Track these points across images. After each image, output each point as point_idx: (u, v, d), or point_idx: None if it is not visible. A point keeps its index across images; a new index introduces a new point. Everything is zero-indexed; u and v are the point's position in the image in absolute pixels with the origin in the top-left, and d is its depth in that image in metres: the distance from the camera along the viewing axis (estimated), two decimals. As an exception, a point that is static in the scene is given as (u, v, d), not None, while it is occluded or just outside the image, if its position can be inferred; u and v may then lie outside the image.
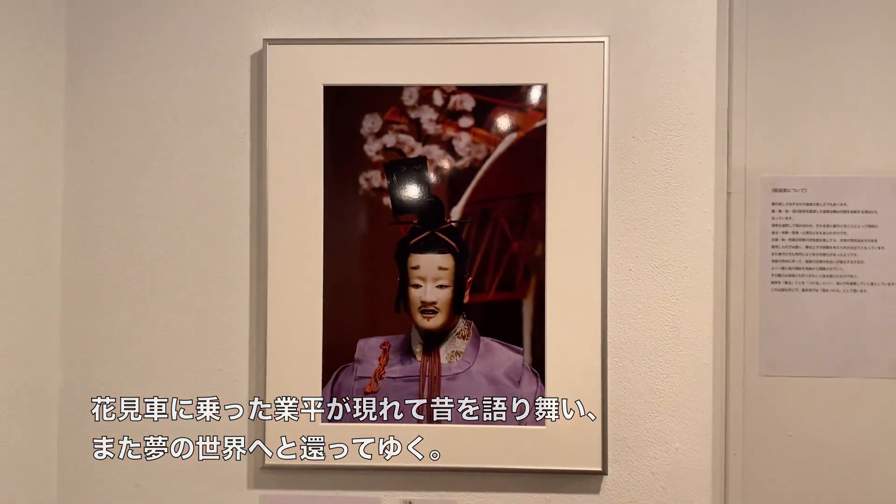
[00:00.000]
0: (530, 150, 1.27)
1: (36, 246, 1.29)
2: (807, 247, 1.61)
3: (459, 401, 1.27)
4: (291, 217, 1.28)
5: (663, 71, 1.28)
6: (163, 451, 1.31)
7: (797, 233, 1.61)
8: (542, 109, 1.27)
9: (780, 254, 1.61)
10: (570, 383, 1.26)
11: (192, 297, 1.32)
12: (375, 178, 1.28)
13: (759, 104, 1.63)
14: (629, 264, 1.28)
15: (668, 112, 1.28)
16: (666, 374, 1.28)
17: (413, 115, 1.28)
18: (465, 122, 1.27)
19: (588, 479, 1.28)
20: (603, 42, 1.27)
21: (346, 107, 1.28)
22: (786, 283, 1.61)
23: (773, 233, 1.62)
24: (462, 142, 1.27)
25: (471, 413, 1.26)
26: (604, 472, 1.26)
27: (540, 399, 1.26)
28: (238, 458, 1.30)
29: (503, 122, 1.27)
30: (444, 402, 1.27)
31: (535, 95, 1.27)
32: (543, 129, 1.27)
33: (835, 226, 1.60)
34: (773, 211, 1.62)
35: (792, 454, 1.60)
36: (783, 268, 1.61)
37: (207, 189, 1.32)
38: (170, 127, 1.32)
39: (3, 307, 1.22)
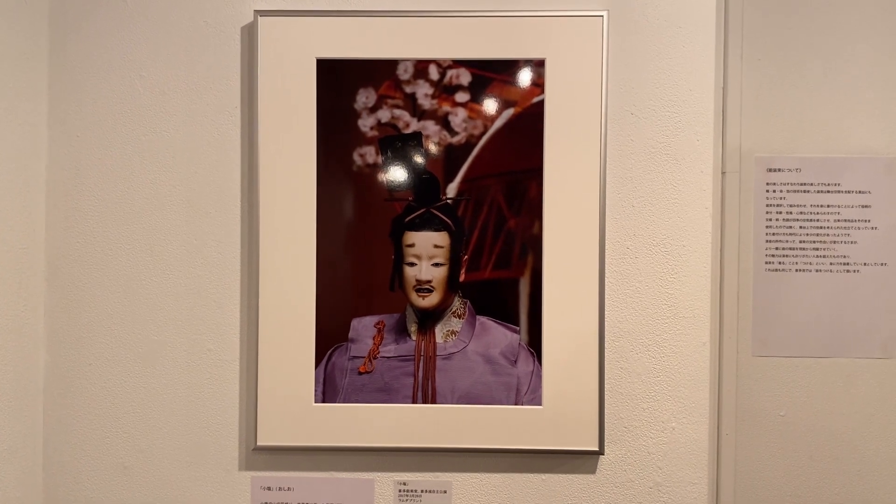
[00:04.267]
0: (528, 126, 1.25)
1: (20, 223, 1.25)
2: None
3: (455, 380, 1.25)
4: (283, 194, 1.25)
5: (662, 46, 1.27)
6: (151, 431, 1.28)
7: (791, 213, 1.60)
8: (539, 84, 1.25)
9: (773, 234, 1.61)
10: (566, 362, 1.25)
11: (181, 275, 1.29)
12: (370, 154, 1.25)
13: (754, 83, 1.62)
14: (627, 242, 1.27)
15: (667, 88, 1.27)
16: (663, 353, 1.27)
17: (408, 89, 1.25)
18: (462, 97, 1.25)
19: (585, 459, 1.27)
20: (602, 16, 1.24)
21: (339, 81, 1.25)
22: (779, 263, 1.60)
23: (767, 213, 1.61)
24: (458, 117, 1.25)
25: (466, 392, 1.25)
26: (600, 452, 1.25)
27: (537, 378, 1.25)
28: (228, 438, 1.28)
29: (500, 97, 1.25)
30: (439, 382, 1.25)
31: (532, 70, 1.25)
32: (541, 104, 1.25)
33: (829, 206, 1.60)
34: (767, 191, 1.61)
35: (784, 434, 1.60)
36: (777, 248, 1.60)
37: (196, 165, 1.29)
38: (157, 100, 1.29)
39: (-14, 285, 1.18)
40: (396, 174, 1.25)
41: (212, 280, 1.28)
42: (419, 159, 1.25)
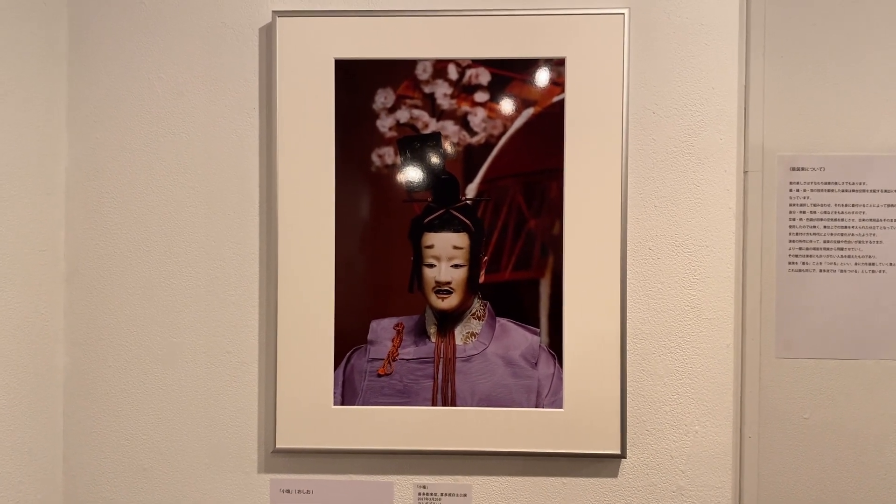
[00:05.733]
0: (548, 126, 1.23)
1: (40, 226, 1.25)
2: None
3: (474, 382, 1.24)
4: (302, 195, 1.25)
5: (684, 44, 1.25)
6: (170, 433, 1.28)
7: (815, 212, 1.57)
8: (559, 83, 1.23)
9: (797, 234, 1.58)
10: (588, 365, 1.23)
11: (200, 276, 1.29)
12: (388, 155, 1.24)
13: (777, 81, 1.59)
14: (649, 243, 1.25)
15: (690, 86, 1.25)
16: (686, 355, 1.25)
17: (427, 89, 1.24)
18: (481, 96, 1.24)
19: (606, 463, 1.26)
20: (623, 14, 1.23)
21: (357, 81, 1.24)
22: (803, 263, 1.58)
23: (790, 212, 1.59)
24: (477, 117, 1.24)
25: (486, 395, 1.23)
26: (622, 456, 1.24)
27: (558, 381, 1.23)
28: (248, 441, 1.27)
29: (520, 96, 1.23)
30: (458, 384, 1.24)
31: (552, 69, 1.23)
32: (561, 103, 1.23)
33: (853, 205, 1.57)
34: (790, 190, 1.58)
35: (808, 438, 1.57)
36: (800, 248, 1.58)
37: (215, 166, 1.28)
38: (176, 102, 1.28)
39: (9, 289, 1.18)
40: (415, 175, 1.24)
41: (230, 282, 1.28)
42: (438, 160, 1.24)
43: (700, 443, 1.25)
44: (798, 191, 1.58)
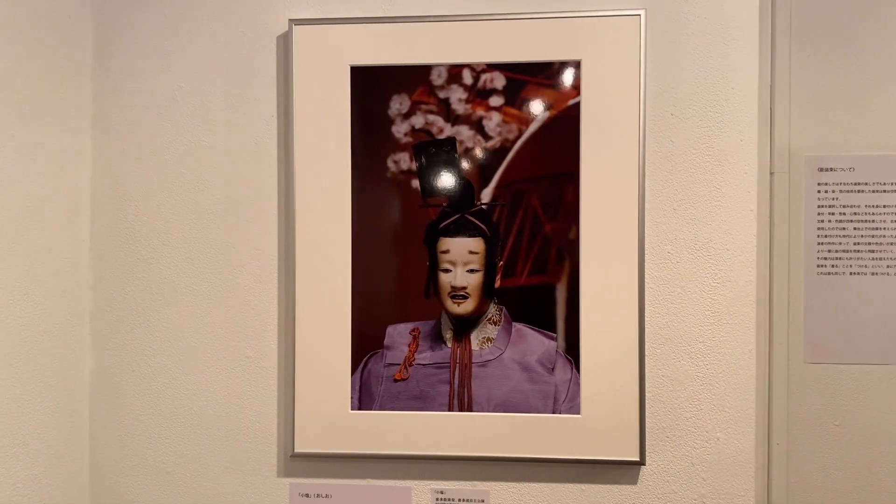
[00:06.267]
0: (564, 130, 1.22)
1: (66, 232, 1.28)
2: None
3: (491, 388, 1.23)
4: (319, 201, 1.26)
5: (702, 44, 1.23)
6: (192, 437, 1.30)
7: (844, 214, 1.54)
8: (575, 87, 1.22)
9: (826, 236, 1.55)
10: (606, 371, 1.22)
11: (220, 283, 1.30)
12: (404, 161, 1.25)
13: (804, 80, 1.56)
14: (668, 247, 1.23)
15: (709, 87, 1.23)
16: (707, 361, 1.23)
17: (442, 94, 1.24)
18: (496, 101, 1.23)
19: (625, 470, 1.24)
20: (639, 15, 1.21)
21: (373, 87, 1.25)
22: (832, 266, 1.54)
23: (818, 214, 1.55)
24: (492, 121, 1.23)
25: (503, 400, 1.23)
26: (641, 463, 1.22)
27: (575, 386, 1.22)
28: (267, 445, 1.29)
29: (535, 100, 1.23)
30: (475, 389, 1.23)
31: (568, 72, 1.22)
32: (577, 107, 1.22)
33: (885, 206, 1.53)
34: (818, 191, 1.55)
35: (839, 445, 1.53)
36: (829, 250, 1.54)
37: (235, 173, 1.30)
38: (197, 110, 1.31)
39: (36, 293, 1.21)
40: (431, 180, 1.24)
41: (250, 287, 1.30)
42: (453, 165, 1.24)
43: (722, 450, 1.23)
44: (827, 192, 1.54)
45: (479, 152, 1.23)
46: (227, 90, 1.30)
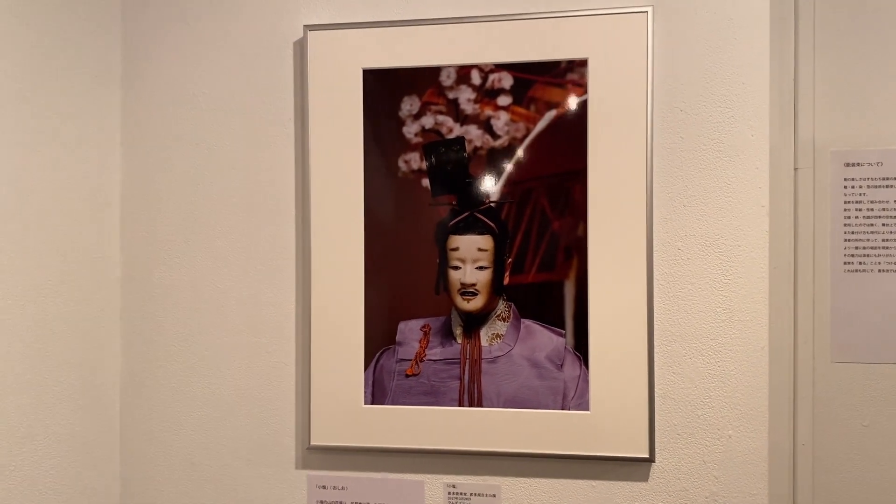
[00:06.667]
0: (571, 127, 1.23)
1: (97, 235, 1.35)
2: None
3: (500, 384, 1.25)
4: (333, 201, 1.29)
5: (712, 39, 1.22)
6: (215, 429, 1.35)
7: (872, 209, 1.50)
8: (582, 85, 1.23)
9: (852, 232, 1.51)
10: (615, 367, 1.22)
11: (242, 282, 1.35)
12: (414, 160, 1.27)
13: (828, 73, 1.53)
14: (678, 243, 1.23)
15: (718, 83, 1.22)
16: (718, 358, 1.22)
17: (451, 95, 1.26)
18: (504, 100, 1.25)
19: (635, 467, 1.24)
20: (646, 12, 1.22)
21: (384, 89, 1.28)
22: (860, 263, 1.50)
23: (845, 210, 1.52)
24: (500, 121, 1.25)
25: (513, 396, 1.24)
26: (651, 460, 1.22)
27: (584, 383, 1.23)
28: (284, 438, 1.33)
29: (542, 99, 1.24)
30: (484, 385, 1.25)
31: (575, 70, 1.23)
32: (584, 105, 1.23)
33: (914, 201, 1.49)
34: (844, 187, 1.51)
35: (867, 445, 1.49)
36: (857, 247, 1.51)
37: (255, 176, 1.35)
38: (219, 116, 1.36)
39: (69, 294, 1.28)
40: (440, 179, 1.27)
41: (270, 286, 1.34)
42: (462, 164, 1.26)
43: (734, 448, 1.22)
44: (853, 187, 1.51)
45: (487, 151, 1.25)
46: (247, 94, 1.35)
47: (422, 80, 1.27)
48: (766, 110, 1.21)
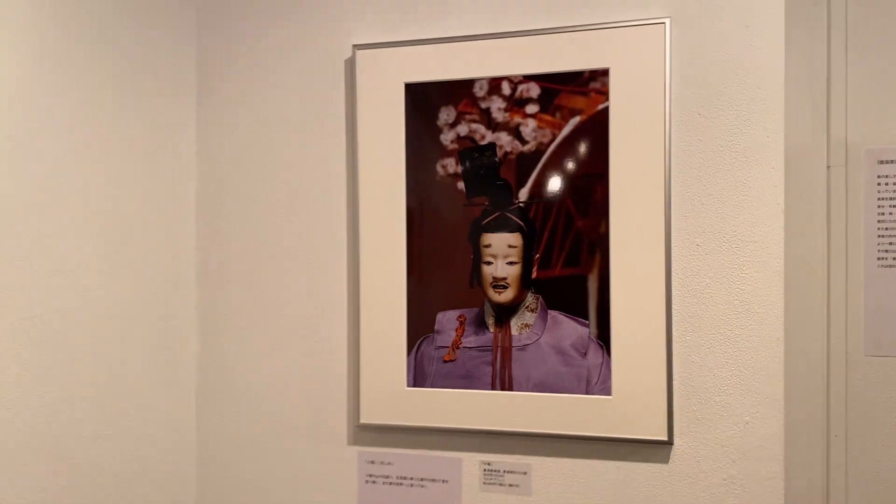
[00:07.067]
0: (593, 132, 1.33)
1: (175, 237, 1.54)
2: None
3: (529, 369, 1.36)
4: (379, 202, 1.43)
5: (728, 47, 1.29)
6: (276, 409, 1.52)
7: (906, 206, 1.53)
8: (604, 92, 1.32)
9: (886, 228, 1.54)
10: (635, 355, 1.31)
11: (301, 278, 1.51)
12: (451, 165, 1.40)
13: (861, 73, 1.56)
14: (696, 239, 1.31)
15: (734, 88, 1.29)
16: (735, 348, 1.29)
17: (483, 105, 1.38)
18: (532, 108, 1.36)
19: (657, 449, 1.32)
20: (664, 23, 1.30)
21: (424, 101, 1.41)
22: (894, 258, 1.53)
23: (878, 206, 1.55)
24: (528, 127, 1.36)
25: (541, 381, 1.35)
26: (670, 443, 1.30)
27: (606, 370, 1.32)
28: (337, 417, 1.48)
29: (567, 106, 1.34)
30: (514, 371, 1.36)
31: (597, 80, 1.33)
32: (606, 111, 1.32)
33: (949, 197, 1.51)
34: (878, 184, 1.55)
35: (901, 438, 1.52)
36: (890, 243, 1.54)
37: (312, 180, 1.50)
38: (280, 129, 1.52)
39: (150, 288, 1.47)
40: (474, 182, 1.39)
41: (324, 281, 1.49)
42: (494, 168, 1.37)
43: (751, 433, 1.28)
44: (887, 184, 1.54)
45: (516, 156, 1.36)
46: (305, 106, 1.51)
47: (457, 92, 1.39)
48: (781, 113, 1.27)
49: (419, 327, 1.42)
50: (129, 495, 1.43)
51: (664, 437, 1.30)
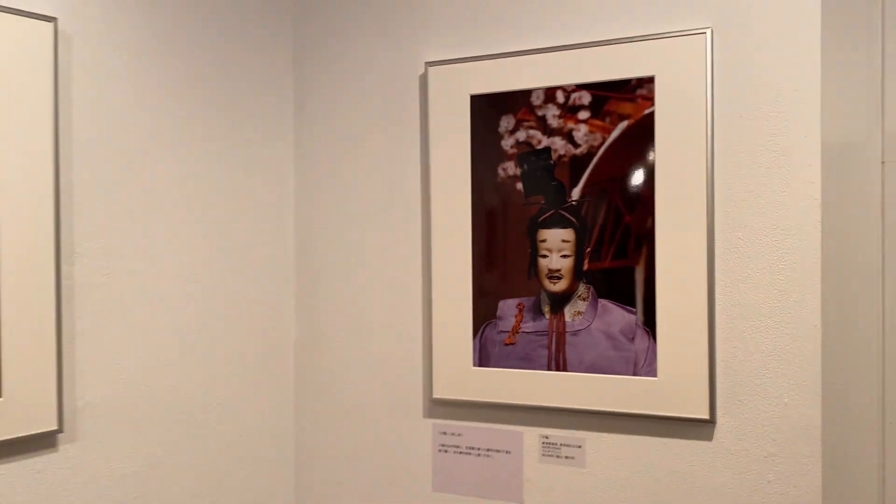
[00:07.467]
0: (640, 135, 1.45)
1: (275, 229, 1.77)
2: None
3: (581, 353, 1.49)
4: (448, 203, 1.61)
5: (767, 52, 1.37)
6: (363, 386, 1.72)
7: (963, 198, 1.55)
8: (650, 98, 1.44)
9: (942, 220, 1.57)
10: (679, 341, 1.42)
11: (383, 272, 1.71)
12: (510, 168, 1.55)
13: (916, 68, 1.59)
14: (738, 233, 1.40)
15: (773, 91, 1.37)
16: (775, 335, 1.38)
17: (540, 112, 1.53)
18: (583, 114, 1.49)
19: (699, 427, 1.43)
20: (705, 33, 1.40)
21: (486, 111, 1.57)
22: (950, 250, 1.56)
23: (935, 199, 1.58)
24: (581, 132, 1.49)
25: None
26: (712, 421, 1.40)
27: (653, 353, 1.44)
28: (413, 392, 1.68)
29: (616, 112, 1.47)
30: (568, 354, 1.50)
31: (643, 86, 1.44)
32: (651, 115, 1.44)
33: None
34: (935, 177, 1.58)
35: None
36: (947, 235, 1.56)
37: (391, 183, 1.70)
38: (364, 135, 1.73)
39: (254, 275, 1.71)
40: (531, 182, 1.53)
41: (402, 274, 1.68)
42: (549, 169, 1.52)
43: (789, 414, 1.37)
44: (944, 177, 1.57)
45: (569, 158, 1.50)
46: (385, 117, 1.70)
47: (516, 102, 1.55)
48: (818, 113, 1.34)
49: (483, 314, 1.58)
50: (237, 454, 1.68)
51: (706, 416, 1.41)
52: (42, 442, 1.34)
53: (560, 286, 1.51)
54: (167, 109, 1.54)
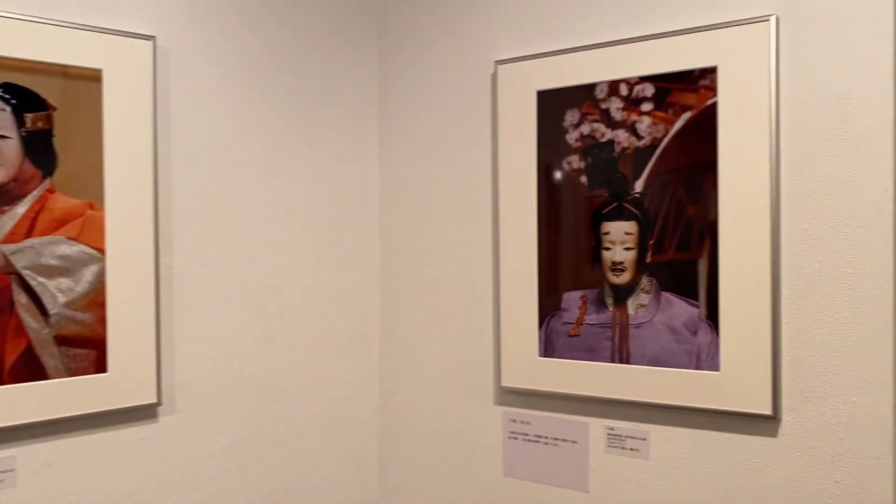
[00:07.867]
0: (703, 126, 1.43)
1: (362, 228, 1.89)
2: None
3: (644, 345, 1.50)
4: (515, 197, 1.65)
5: (834, 38, 1.32)
6: (438, 372, 1.80)
7: None
8: (712, 89, 1.42)
9: None
10: (742, 335, 1.40)
11: (455, 266, 1.78)
12: (574, 161, 1.57)
13: None
14: (804, 225, 1.36)
15: (841, 78, 1.32)
16: (844, 330, 1.33)
17: (603, 106, 1.54)
18: (646, 106, 1.49)
19: (764, 423, 1.40)
20: (769, 20, 1.36)
21: (552, 105, 1.60)
22: None
23: None
24: (643, 124, 1.49)
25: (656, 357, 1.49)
26: (775, 418, 1.37)
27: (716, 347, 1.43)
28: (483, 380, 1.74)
29: (678, 103, 1.46)
30: (631, 346, 1.51)
31: (706, 77, 1.43)
32: (714, 105, 1.42)
33: None
34: None
35: None
36: None
37: (464, 178, 1.76)
38: (439, 133, 1.80)
39: (343, 269, 1.83)
40: (595, 175, 1.55)
41: (473, 267, 1.75)
42: (612, 162, 1.53)
43: (858, 413, 1.31)
44: None
45: (632, 150, 1.50)
46: (459, 115, 1.77)
47: (580, 96, 1.56)
48: (891, 100, 1.28)
49: (548, 306, 1.61)
50: (326, 431, 1.81)
51: (769, 412, 1.38)
52: (144, 413, 1.51)
53: (623, 278, 1.52)
54: (257, 112, 1.68)
